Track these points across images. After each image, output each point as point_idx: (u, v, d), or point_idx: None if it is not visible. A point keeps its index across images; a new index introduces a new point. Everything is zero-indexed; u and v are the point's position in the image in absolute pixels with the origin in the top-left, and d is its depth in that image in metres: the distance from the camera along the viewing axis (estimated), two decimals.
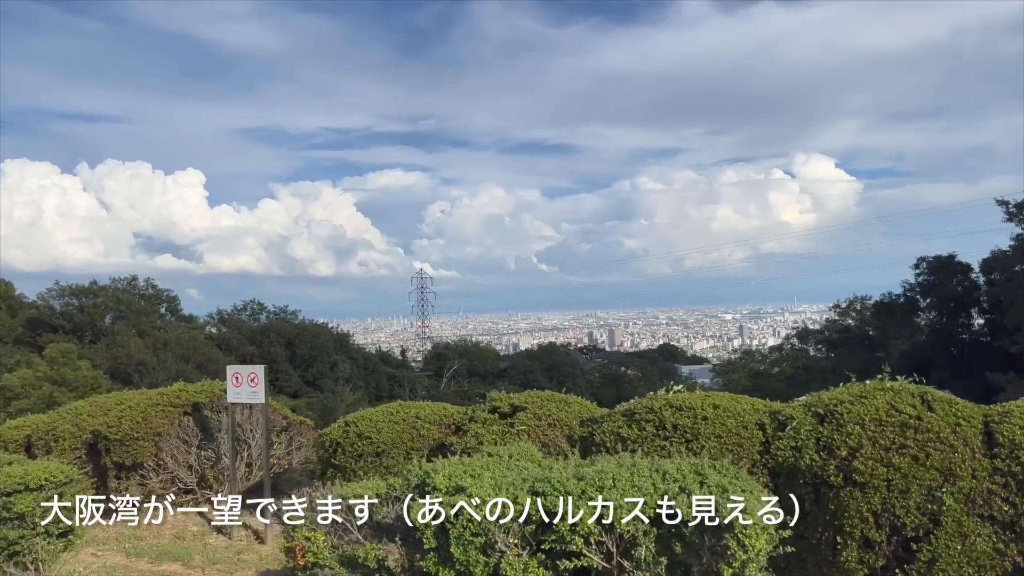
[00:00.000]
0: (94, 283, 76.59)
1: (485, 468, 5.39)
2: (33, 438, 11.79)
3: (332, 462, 9.60)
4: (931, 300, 42.14)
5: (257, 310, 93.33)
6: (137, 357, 62.40)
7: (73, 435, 11.48)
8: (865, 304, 57.80)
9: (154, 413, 10.96)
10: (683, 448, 7.36)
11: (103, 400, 12.32)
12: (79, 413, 11.81)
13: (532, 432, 8.68)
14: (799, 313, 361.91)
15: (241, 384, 10.42)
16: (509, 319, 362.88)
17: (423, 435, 9.53)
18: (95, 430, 11.38)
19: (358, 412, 10.45)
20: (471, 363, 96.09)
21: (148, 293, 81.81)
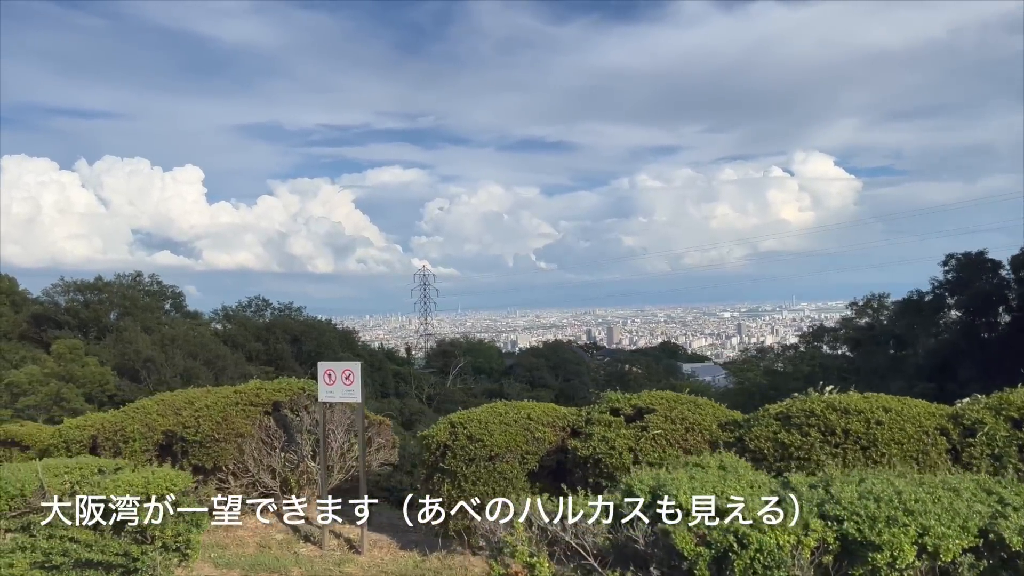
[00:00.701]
0: (99, 279, 75.84)
1: (725, 481, 4.73)
2: (99, 438, 11.12)
3: (440, 466, 8.94)
4: (959, 297, 41.61)
5: (262, 307, 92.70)
6: (145, 353, 61.62)
7: (144, 436, 10.82)
8: (883, 302, 57.28)
9: (234, 413, 10.29)
10: (860, 456, 6.73)
11: (170, 398, 11.65)
12: (148, 412, 11.15)
13: (669, 437, 8.06)
14: (798, 311, 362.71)
15: (335, 382, 9.77)
16: (507, 317, 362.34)
17: (538, 438, 8.89)
18: (168, 430, 10.72)
19: (461, 412, 9.81)
20: (476, 360, 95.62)
21: (153, 289, 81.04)
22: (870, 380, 41.42)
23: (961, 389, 39.17)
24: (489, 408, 9.51)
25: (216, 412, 10.28)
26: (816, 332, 62.84)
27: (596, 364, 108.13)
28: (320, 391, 9.82)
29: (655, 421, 8.25)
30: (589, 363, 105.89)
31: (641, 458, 7.82)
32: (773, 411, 7.93)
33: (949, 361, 40.62)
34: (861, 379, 44.38)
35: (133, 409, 11.28)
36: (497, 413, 9.26)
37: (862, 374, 46.17)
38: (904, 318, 45.35)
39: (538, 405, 9.58)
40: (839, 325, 61.83)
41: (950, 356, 41.11)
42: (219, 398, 10.71)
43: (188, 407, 11.15)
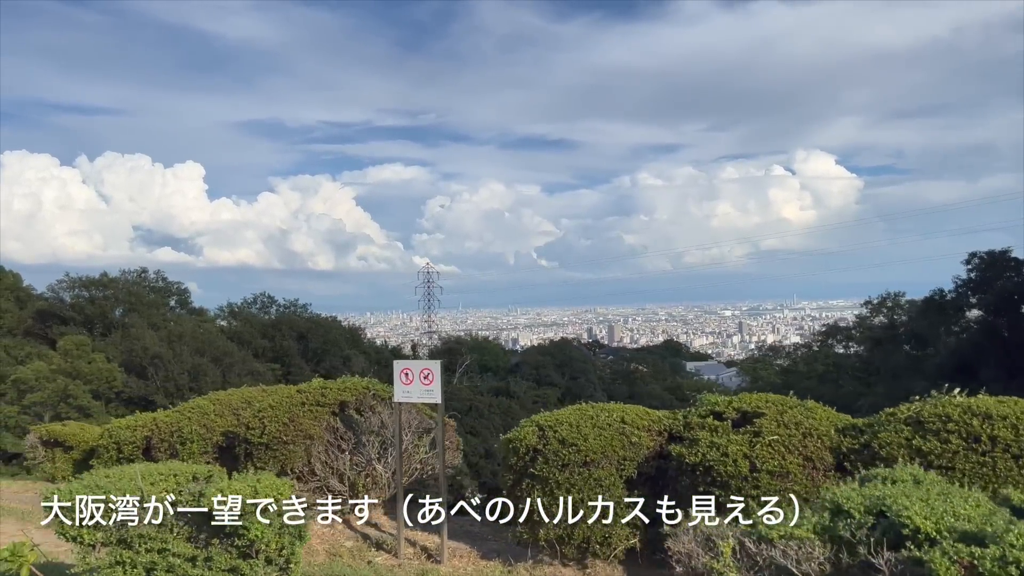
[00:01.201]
0: (104, 275, 75.30)
1: (947, 498, 4.25)
2: (154, 439, 10.65)
3: (530, 472, 8.45)
4: (980, 296, 41.19)
5: (267, 303, 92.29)
6: (152, 350, 61.11)
7: (202, 437, 10.35)
8: (898, 301, 56.87)
9: (301, 414, 9.80)
10: (1012, 466, 6.26)
11: (225, 398, 11.19)
12: (204, 412, 10.68)
13: (787, 443, 7.58)
14: (798, 310, 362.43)
15: (412, 381, 9.28)
16: (508, 314, 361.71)
17: (634, 443, 8.42)
18: (228, 431, 10.26)
19: (547, 414, 9.31)
20: (482, 358, 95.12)
21: (158, 286, 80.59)
22: (890, 380, 41.03)
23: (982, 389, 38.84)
24: (576, 410, 9.02)
25: (282, 413, 9.80)
26: (830, 331, 62.41)
27: (601, 363, 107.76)
28: (396, 391, 9.34)
29: (767, 426, 7.78)
30: (595, 362, 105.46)
31: (760, 466, 7.35)
32: (901, 415, 7.45)
33: (970, 361, 40.18)
34: (881, 379, 43.98)
35: (188, 409, 10.80)
36: (587, 416, 8.78)
37: (881, 374, 45.59)
38: (926, 317, 44.91)
39: (629, 408, 9.11)
40: (854, 324, 61.39)
41: (971, 356, 40.67)
42: (281, 398, 10.22)
43: (246, 407, 10.68)
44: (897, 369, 42.33)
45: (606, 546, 8.19)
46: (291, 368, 79.19)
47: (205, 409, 10.64)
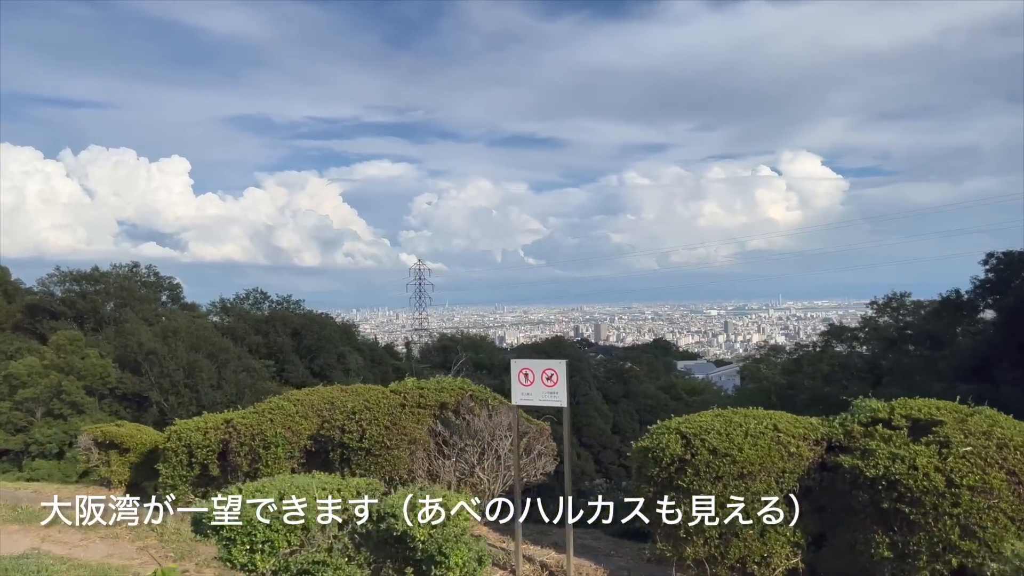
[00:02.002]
0: (96, 269, 74.02)
1: None
2: (232, 443, 9.80)
3: (676, 484, 7.68)
4: (997, 297, 40.90)
5: (260, 299, 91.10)
6: (147, 346, 59.90)
7: (288, 441, 9.51)
8: (903, 301, 56.61)
9: (403, 416, 8.98)
10: None
11: (304, 397, 10.37)
12: (287, 414, 9.85)
13: (983, 455, 6.85)
14: (784, 310, 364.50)
15: (532, 382, 8.51)
16: (495, 312, 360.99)
17: (793, 453, 7.69)
18: (318, 435, 9.42)
19: (687, 419, 8.51)
20: (477, 355, 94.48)
21: (150, 280, 79.27)
22: (903, 381, 40.61)
23: (997, 392, 38.46)
24: (719, 415, 8.29)
25: (382, 415, 8.99)
26: (833, 331, 62.06)
27: (594, 361, 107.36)
28: (514, 393, 8.56)
29: (955, 436, 7.06)
30: (588, 360, 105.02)
31: (958, 481, 6.64)
32: None
33: (986, 362, 39.86)
34: (894, 379, 43.59)
35: (268, 410, 9.98)
36: (733, 423, 8.04)
37: (894, 374, 45.32)
38: (941, 318, 44.58)
39: (776, 414, 8.40)
40: (860, 324, 61.16)
41: (987, 357, 40.35)
42: (376, 399, 9.40)
43: (329, 408, 9.86)
44: (911, 370, 41.98)
45: (765, 566, 7.47)
46: (285, 365, 78.12)
47: (287, 410, 9.80)
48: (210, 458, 9.95)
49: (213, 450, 9.92)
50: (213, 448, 9.91)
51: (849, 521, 7.16)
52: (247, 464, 9.57)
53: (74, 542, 9.76)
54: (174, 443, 10.33)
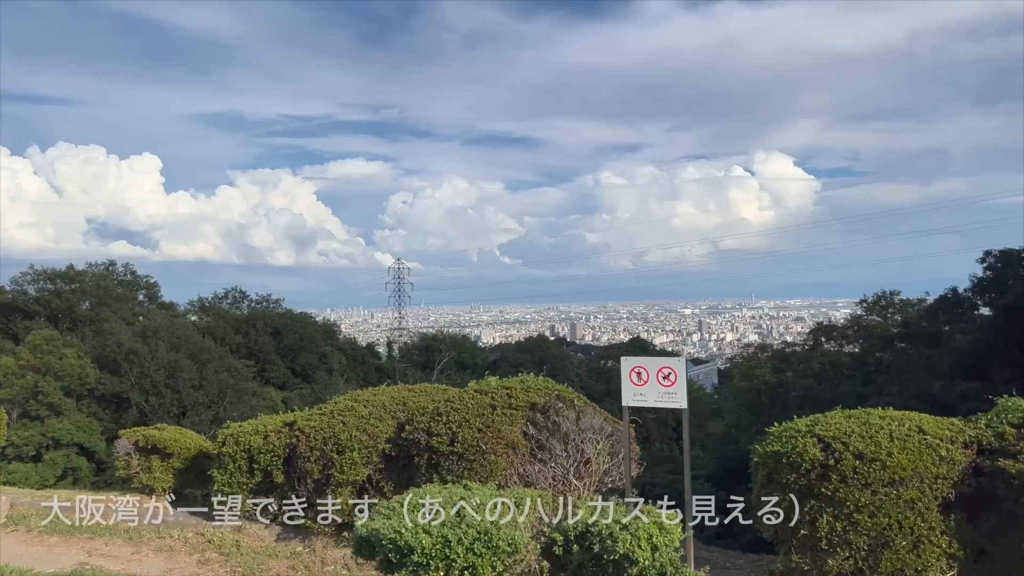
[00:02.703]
0: (71, 268, 72.19)
1: None
2: (300, 447, 9.02)
3: (819, 492, 7.05)
4: (994, 295, 40.98)
5: (238, 298, 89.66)
6: (127, 345, 58.40)
7: (364, 444, 8.75)
8: (892, 300, 56.77)
9: (496, 418, 8.25)
10: None
11: (371, 397, 9.61)
12: (360, 416, 9.08)
13: None
14: (757, 309, 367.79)
15: (646, 382, 7.88)
16: (471, 311, 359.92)
17: (944, 457, 7.11)
18: (399, 438, 8.67)
19: (815, 420, 7.88)
20: (460, 355, 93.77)
21: (126, 279, 77.45)
22: (902, 380, 40.48)
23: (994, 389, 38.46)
24: (851, 416, 7.70)
25: (473, 417, 8.24)
26: (823, 329, 62.11)
27: (577, 360, 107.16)
28: (624, 393, 7.92)
29: None
30: (571, 359, 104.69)
31: None
32: None
33: (983, 360, 39.91)
34: (891, 378, 43.47)
35: (339, 412, 9.22)
36: (870, 424, 7.45)
37: (892, 373, 45.27)
38: (939, 316, 44.62)
39: (915, 415, 7.82)
40: (848, 322, 61.34)
41: (985, 355, 40.42)
42: (462, 399, 8.65)
43: (401, 408, 9.15)
44: (908, 368, 41.95)
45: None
46: (266, 365, 76.78)
47: (359, 412, 9.03)
48: (275, 464, 9.16)
49: (278, 455, 9.12)
50: (278, 453, 9.12)
51: (1013, 530, 6.63)
52: (318, 470, 8.81)
53: (125, 556, 8.95)
54: (231, 448, 9.51)
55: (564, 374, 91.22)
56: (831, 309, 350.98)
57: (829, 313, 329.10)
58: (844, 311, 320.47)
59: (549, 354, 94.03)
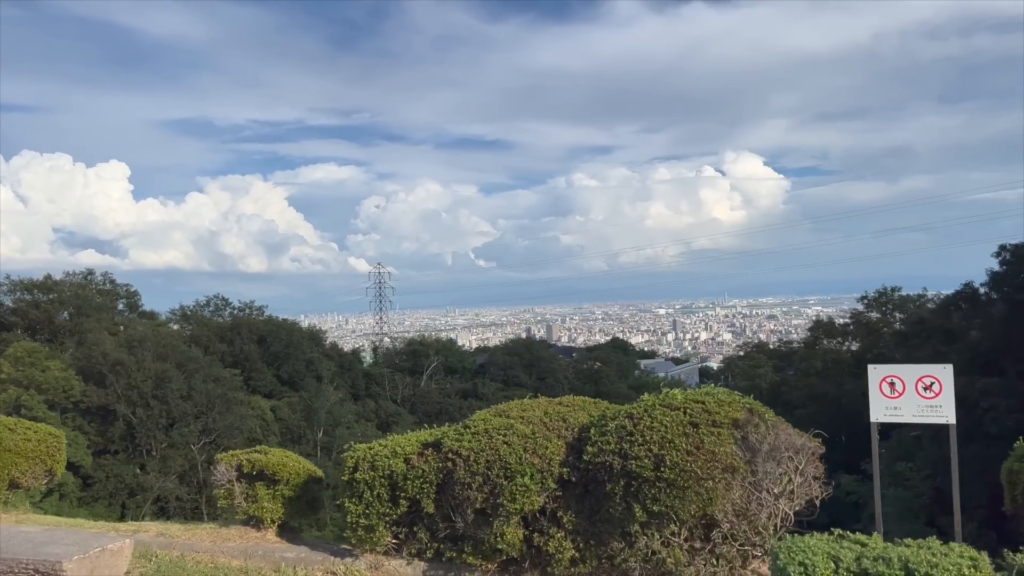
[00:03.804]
0: (48, 277, 69.98)
1: None
2: (458, 473, 7.90)
3: None
4: (1007, 289, 40.79)
5: (221, 306, 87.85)
6: (113, 356, 56.51)
7: (537, 468, 7.67)
8: (890, 296, 56.72)
9: (705, 437, 7.17)
10: None
11: (520, 412, 8.49)
12: (523, 435, 7.96)
13: None
14: (730, 307, 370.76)
15: (901, 393, 6.90)
16: (447, 315, 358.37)
17: None
18: (581, 461, 7.60)
19: None
20: (447, 360, 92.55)
21: (105, 288, 75.27)
22: None
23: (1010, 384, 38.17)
24: None
25: (677, 436, 7.17)
26: (824, 327, 61.92)
27: (566, 362, 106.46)
28: (873, 406, 6.95)
29: None
30: (559, 361, 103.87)
31: None
32: None
33: (996, 355, 39.72)
34: None
35: (495, 430, 8.06)
36: None
37: None
38: (951, 311, 44.40)
39: None
40: (850, 320, 61.19)
41: (997, 350, 40.25)
42: (654, 415, 7.57)
43: (563, 425, 8.09)
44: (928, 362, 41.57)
45: None
46: (252, 373, 75.06)
47: (519, 430, 7.91)
48: (425, 492, 8.02)
49: (430, 482, 7.99)
50: (430, 480, 7.99)
51: None
52: (481, 499, 7.70)
53: None
54: (366, 474, 8.34)
55: (553, 376, 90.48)
56: (802, 306, 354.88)
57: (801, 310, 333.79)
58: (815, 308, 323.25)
59: (537, 356, 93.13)
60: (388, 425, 74.65)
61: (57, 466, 11.06)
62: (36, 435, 10.92)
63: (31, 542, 7.25)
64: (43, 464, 10.76)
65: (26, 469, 10.54)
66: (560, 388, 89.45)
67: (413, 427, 61.94)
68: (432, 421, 40.97)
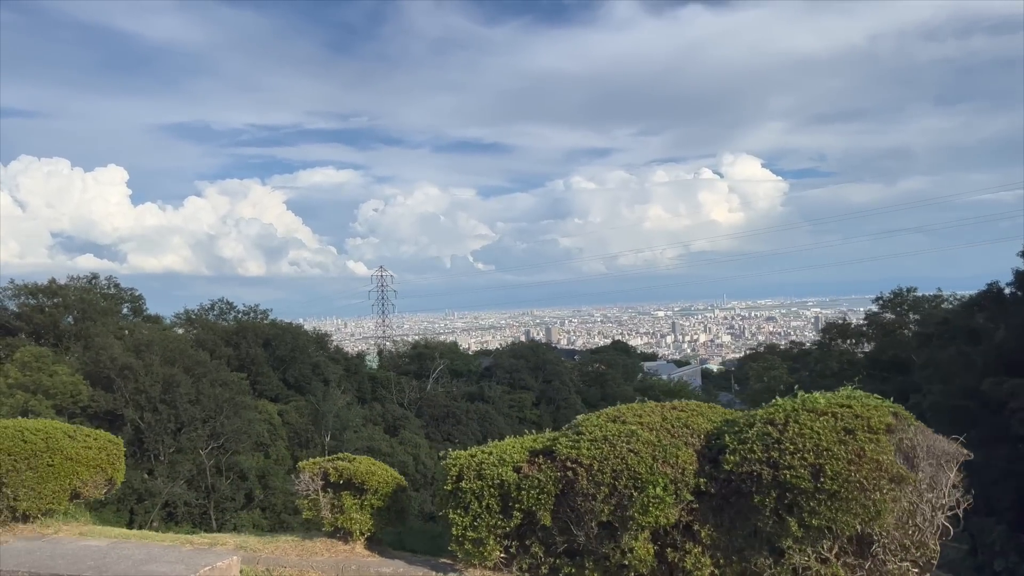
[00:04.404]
0: (53, 281, 69.50)
1: None
2: (580, 483, 7.31)
3: None
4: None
5: (225, 309, 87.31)
6: (121, 360, 55.86)
7: (670, 478, 7.09)
8: (905, 297, 56.32)
9: (867, 445, 6.52)
10: None
11: (635, 417, 7.91)
12: (648, 442, 7.37)
13: None
14: (728, 309, 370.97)
15: None
16: (445, 318, 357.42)
17: None
18: (713, 470, 7.01)
19: None
20: (452, 363, 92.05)
21: (109, 292, 74.70)
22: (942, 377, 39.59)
23: None
24: None
25: (834, 443, 6.54)
26: (839, 328, 61.48)
27: (571, 365, 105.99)
28: None
29: None
30: (565, 364, 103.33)
31: None
32: None
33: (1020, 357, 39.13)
34: (930, 376, 42.57)
35: (616, 436, 7.46)
36: None
37: (929, 370, 44.38)
38: (974, 312, 43.93)
39: None
40: (866, 321, 60.74)
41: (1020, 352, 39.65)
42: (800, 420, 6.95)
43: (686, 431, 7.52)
44: (947, 365, 41.14)
45: None
46: (258, 377, 74.33)
47: (642, 437, 7.31)
48: (542, 503, 7.43)
49: (548, 492, 7.40)
50: (548, 490, 7.39)
51: None
52: (608, 511, 7.11)
53: None
54: (473, 483, 7.74)
55: (559, 379, 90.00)
56: (801, 308, 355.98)
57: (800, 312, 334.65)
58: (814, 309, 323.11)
59: (543, 359, 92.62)
60: (395, 429, 74.01)
61: (117, 474, 10.46)
62: (96, 442, 10.32)
63: (129, 559, 6.67)
64: (103, 473, 10.17)
65: (87, 478, 9.95)
66: (566, 391, 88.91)
67: (420, 430, 61.05)
68: (440, 424, 40.56)
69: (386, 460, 54.15)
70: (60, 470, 9.65)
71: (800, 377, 59.40)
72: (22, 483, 9.30)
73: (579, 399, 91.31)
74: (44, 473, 9.47)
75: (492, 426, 79.20)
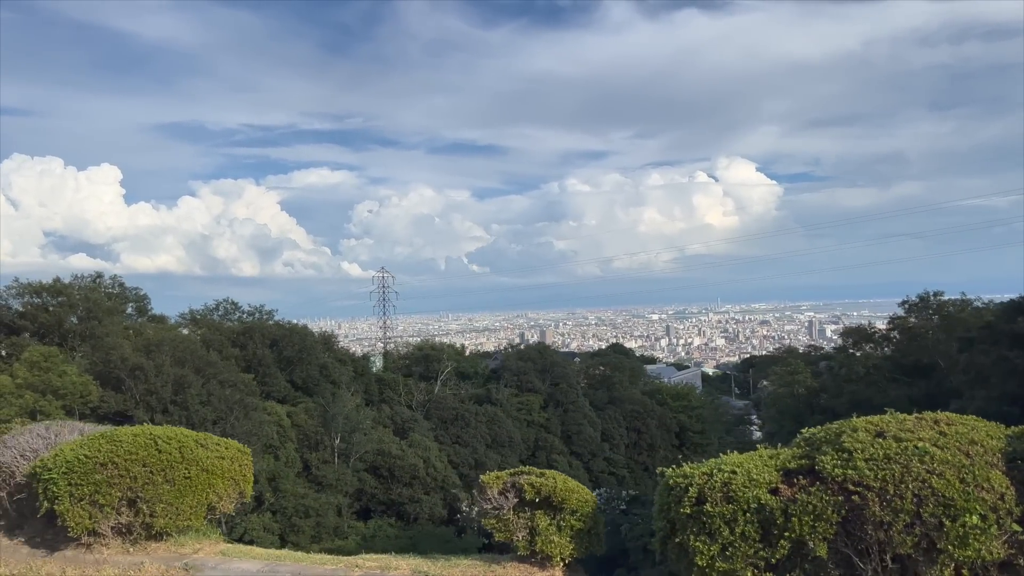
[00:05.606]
0: (57, 280, 68.07)
1: None
2: (871, 508, 6.23)
3: None
4: None
5: (230, 309, 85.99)
6: (131, 361, 54.52)
7: (991, 506, 6.01)
8: (930, 301, 55.70)
9: None
10: None
11: (895, 426, 6.83)
12: (944, 461, 6.30)
13: None
14: (723, 313, 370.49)
15: None
16: (440, 320, 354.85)
17: None
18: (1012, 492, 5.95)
19: None
20: (459, 365, 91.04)
21: (113, 292, 73.38)
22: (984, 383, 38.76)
23: None
24: None
25: None
26: (861, 332, 60.74)
27: (578, 368, 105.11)
28: None
29: None
30: (572, 367, 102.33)
31: None
32: None
33: None
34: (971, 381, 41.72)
35: (905, 455, 6.38)
36: None
37: (970, 375, 43.69)
38: (1014, 316, 43.08)
39: None
40: (891, 325, 60.04)
41: None
42: None
43: (975, 447, 6.43)
44: (988, 370, 40.36)
45: None
46: (266, 378, 72.90)
47: (939, 457, 6.24)
48: (819, 531, 6.37)
49: (826, 519, 6.33)
50: (827, 516, 6.32)
51: None
52: (911, 543, 6.04)
53: None
54: (720, 505, 6.67)
55: (566, 382, 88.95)
56: (795, 312, 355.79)
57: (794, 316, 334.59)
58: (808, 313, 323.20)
59: (551, 362, 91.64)
60: (404, 431, 72.72)
61: (247, 486, 9.31)
62: (228, 451, 9.19)
63: None
64: (236, 485, 9.00)
65: (223, 492, 8.83)
66: (574, 394, 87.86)
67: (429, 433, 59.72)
68: (448, 427, 39.09)
69: (397, 463, 52.36)
70: (197, 483, 8.54)
71: (824, 382, 58.71)
72: (159, 498, 8.17)
73: (586, 402, 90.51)
74: (182, 486, 8.37)
75: (501, 429, 78.16)
